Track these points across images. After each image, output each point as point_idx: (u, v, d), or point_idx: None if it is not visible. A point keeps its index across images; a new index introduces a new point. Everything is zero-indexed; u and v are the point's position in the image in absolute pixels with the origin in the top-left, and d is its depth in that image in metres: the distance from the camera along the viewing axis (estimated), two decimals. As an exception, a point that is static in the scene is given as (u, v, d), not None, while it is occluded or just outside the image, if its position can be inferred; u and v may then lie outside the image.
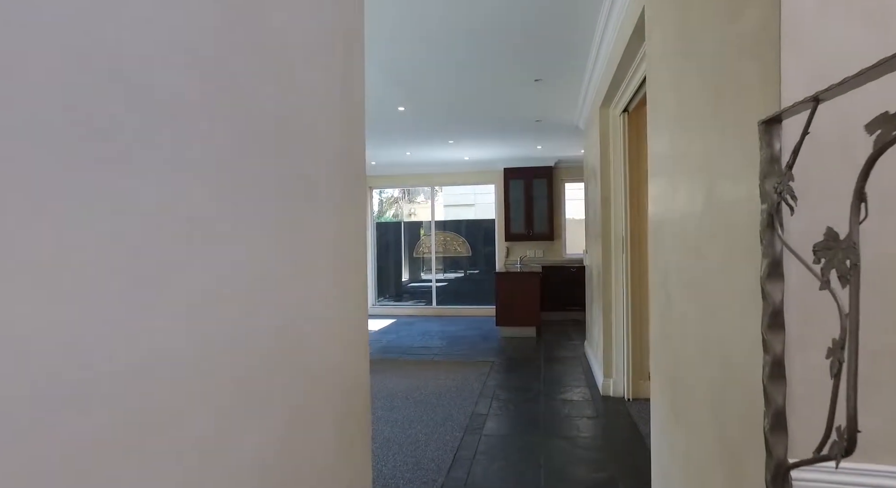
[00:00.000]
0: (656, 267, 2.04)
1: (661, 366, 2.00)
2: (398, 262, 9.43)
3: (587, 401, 3.83)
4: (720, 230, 1.36)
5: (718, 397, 1.37)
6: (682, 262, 1.67)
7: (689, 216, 1.60)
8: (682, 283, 1.69)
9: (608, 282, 3.94)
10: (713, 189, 1.39)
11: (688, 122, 1.59)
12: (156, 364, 0.60)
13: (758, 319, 1.15)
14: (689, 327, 1.62)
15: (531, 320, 6.41)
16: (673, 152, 1.76)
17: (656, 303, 2.06)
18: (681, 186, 1.68)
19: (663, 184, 1.90)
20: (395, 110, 4.97)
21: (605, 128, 3.93)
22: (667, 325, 1.89)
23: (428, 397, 4.03)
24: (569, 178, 8.33)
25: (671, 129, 1.78)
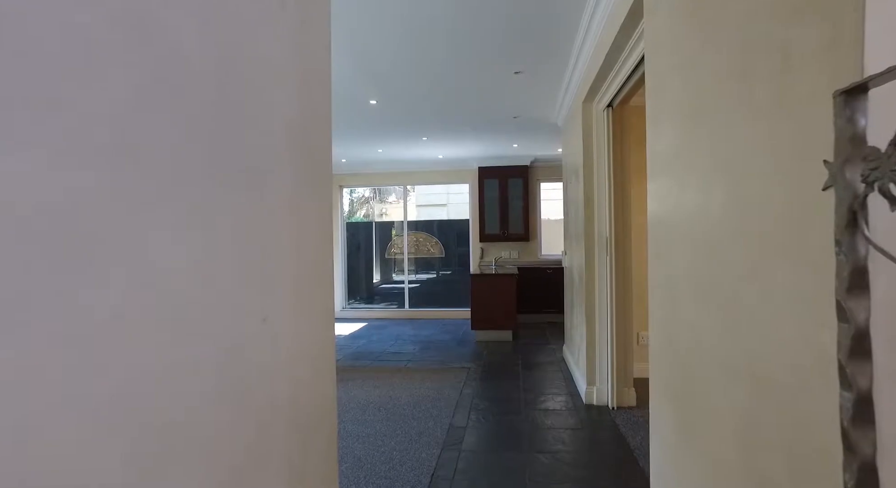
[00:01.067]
0: (657, 270, 1.85)
1: (663, 379, 1.80)
2: (369, 263, 9.14)
3: (570, 411, 3.64)
4: (747, 232, 1.15)
5: (748, 424, 1.17)
6: (695, 266, 1.47)
7: (703, 216, 1.40)
8: (693, 289, 1.49)
9: (591, 284, 3.76)
10: (738, 185, 1.19)
11: (702, 109, 1.39)
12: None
13: (801, 335, 0.95)
14: (703, 338, 1.42)
15: (507, 323, 6.21)
16: (681, 145, 1.56)
17: (658, 309, 1.86)
18: (691, 183, 1.48)
19: (667, 182, 1.70)
20: (367, 104, 4.70)
21: (588, 124, 3.75)
22: (672, 334, 1.69)
23: (402, 408, 3.77)
24: (545, 178, 8.19)
25: (678, 119, 1.58)
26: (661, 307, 1.83)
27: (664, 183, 1.73)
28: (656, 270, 1.86)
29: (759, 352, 1.12)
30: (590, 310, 3.76)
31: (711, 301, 1.36)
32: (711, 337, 1.36)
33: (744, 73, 1.14)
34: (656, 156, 1.82)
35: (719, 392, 1.31)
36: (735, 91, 1.19)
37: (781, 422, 1.03)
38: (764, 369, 1.10)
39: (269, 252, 0.89)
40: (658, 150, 1.79)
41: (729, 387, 1.26)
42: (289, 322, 0.95)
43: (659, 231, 1.81)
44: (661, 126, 1.76)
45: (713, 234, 1.34)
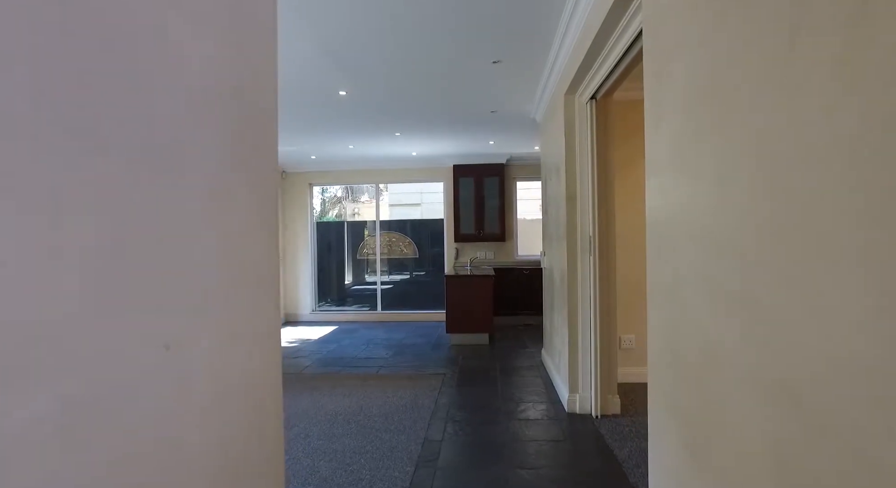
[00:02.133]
0: (658, 271, 1.65)
1: (665, 390, 1.60)
2: (341, 264, 8.82)
3: (552, 420, 3.45)
4: (787, 229, 0.95)
5: (789, 459, 0.97)
6: (708, 268, 1.27)
7: (723, 211, 1.19)
8: (706, 293, 1.29)
9: (573, 286, 3.57)
10: (775, 175, 0.99)
11: (722, 88, 1.19)
12: None
13: (870, 355, 0.74)
14: (718, 348, 1.23)
15: (484, 326, 6.00)
16: (692, 132, 1.36)
17: (657, 313, 1.66)
18: (706, 174, 1.28)
19: (673, 174, 1.50)
20: (335, 95, 4.42)
21: (570, 117, 3.56)
22: (676, 341, 1.49)
23: (373, 420, 3.52)
24: (521, 176, 8.02)
25: (688, 102, 1.37)
26: (661, 311, 1.63)
27: (669, 175, 1.53)
28: (656, 271, 1.66)
29: (802, 374, 0.92)
30: (572, 313, 3.57)
31: (730, 307, 1.16)
32: (730, 347, 1.16)
33: (792, 36, 0.93)
34: (659, 146, 1.61)
35: (745, 416, 1.11)
36: (770, 57, 0.99)
37: (838, 463, 0.83)
38: (810, 395, 0.90)
39: (174, 255, 0.63)
40: (661, 139, 1.59)
41: (759, 413, 1.06)
42: (207, 348, 0.69)
43: (661, 228, 1.61)
44: (664, 112, 1.55)
45: (735, 232, 1.14)
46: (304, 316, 8.29)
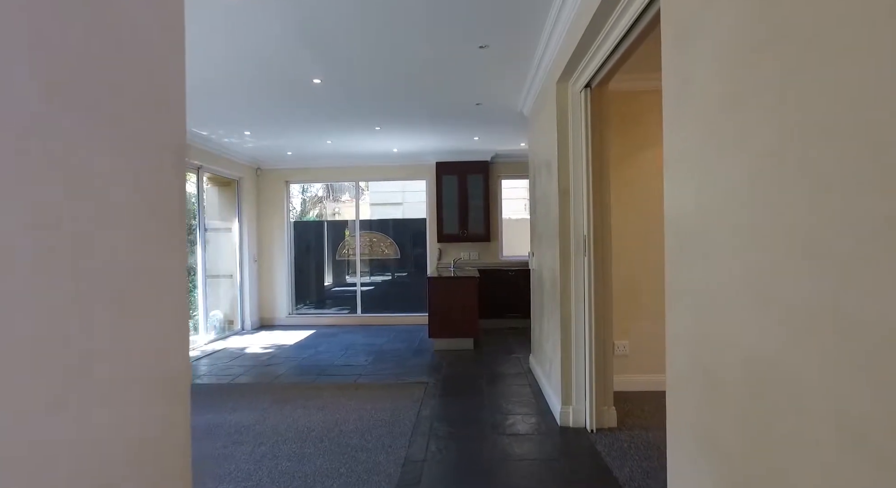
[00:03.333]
0: (684, 275, 1.38)
1: (694, 421, 1.33)
2: (320, 265, 8.47)
3: (544, 435, 3.18)
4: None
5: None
6: (765, 275, 1.00)
7: (793, 203, 0.93)
8: (759, 303, 1.02)
9: (566, 290, 3.31)
10: (878, 147, 0.72)
11: (790, 31, 0.92)
12: None
13: None
14: (778, 374, 0.96)
15: (468, 330, 5.72)
16: (736, 98, 1.09)
17: (681, 322, 1.40)
18: (759, 155, 1.01)
19: (705, 159, 1.23)
20: (310, 83, 4.10)
21: (563, 107, 3.30)
22: (712, 360, 1.22)
23: (349, 437, 3.21)
24: (506, 174, 7.77)
25: (733, 58, 1.10)
26: (685, 319, 1.36)
27: (700, 160, 1.26)
28: (680, 275, 1.40)
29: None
30: (565, 319, 3.31)
31: (803, 328, 0.89)
32: (801, 375, 0.89)
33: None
34: (684, 123, 1.34)
35: (820, 459, 0.84)
36: None
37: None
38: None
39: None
40: (687, 113, 1.32)
41: (841, 458, 0.79)
42: (45, 397, 0.39)
43: (687, 226, 1.34)
44: (692, 76, 1.29)
45: (804, 232, 0.87)
46: (281, 319, 7.92)
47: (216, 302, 7.34)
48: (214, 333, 6.90)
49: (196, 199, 6.46)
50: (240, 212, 7.44)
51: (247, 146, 6.62)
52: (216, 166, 6.59)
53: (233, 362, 5.42)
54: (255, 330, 7.50)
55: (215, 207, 7.45)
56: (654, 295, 3.96)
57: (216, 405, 3.90)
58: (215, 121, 5.27)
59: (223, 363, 5.39)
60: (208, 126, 5.49)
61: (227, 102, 4.61)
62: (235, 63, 3.62)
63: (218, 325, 7.15)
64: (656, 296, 3.96)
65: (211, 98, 4.46)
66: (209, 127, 5.53)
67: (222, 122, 5.35)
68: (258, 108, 4.83)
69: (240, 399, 4.05)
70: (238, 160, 7.17)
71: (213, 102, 4.60)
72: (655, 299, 3.96)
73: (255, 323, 7.69)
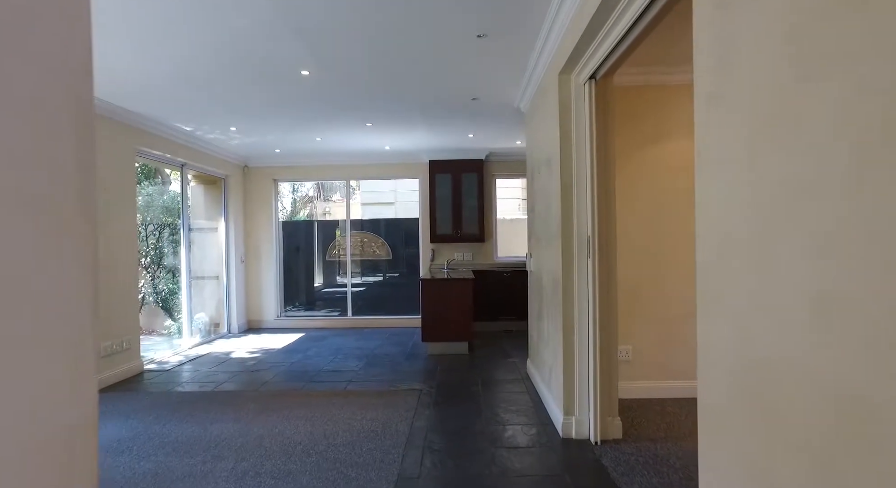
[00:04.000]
0: (716, 284, 1.20)
1: (737, 448, 1.15)
2: (310, 266, 8.24)
3: (545, 448, 2.99)
4: None
5: None
6: (844, 290, 0.82)
7: (878, 209, 0.74)
8: (840, 329, 0.84)
9: (569, 293, 3.12)
10: None
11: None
12: None
13: None
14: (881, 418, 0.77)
15: (463, 334, 5.53)
16: (804, 62, 0.91)
17: (716, 336, 1.21)
18: (858, 152, 0.83)
19: (748, 153, 1.05)
20: (297, 75, 3.88)
21: (565, 100, 3.11)
22: (766, 383, 1.04)
23: (338, 451, 3.00)
24: (501, 173, 7.58)
25: (808, 22, 0.92)
26: (726, 336, 1.18)
27: (747, 152, 1.08)
28: (718, 284, 1.21)
29: None
30: (567, 325, 3.12)
31: (884, 349, 0.71)
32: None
33: None
34: (728, 108, 1.16)
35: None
36: None
37: None
38: None
39: None
40: (733, 83, 1.14)
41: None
42: None
43: (732, 227, 1.16)
44: (741, 48, 1.10)
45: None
46: (269, 322, 7.68)
47: (201, 304, 7.09)
48: (199, 337, 6.66)
49: (181, 198, 6.21)
50: (226, 212, 7.19)
51: (233, 143, 6.38)
52: (201, 163, 6.35)
53: (217, 368, 5.19)
54: (241, 333, 7.26)
55: (201, 206, 7.20)
56: (657, 297, 3.79)
57: (197, 415, 3.67)
58: (198, 115, 5.04)
59: (207, 369, 5.16)
60: (192, 121, 5.26)
61: (210, 95, 4.38)
62: (218, 51, 3.40)
63: (203, 329, 6.91)
64: (659, 299, 3.79)
65: (192, 90, 4.23)
66: (193, 121, 5.29)
67: (206, 117, 5.12)
68: (244, 102, 4.60)
69: (223, 408, 3.83)
70: (224, 157, 6.93)
71: (196, 95, 4.37)
72: (658, 302, 3.79)
73: (242, 326, 7.45)
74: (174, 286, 7.57)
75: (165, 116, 5.04)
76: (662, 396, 3.79)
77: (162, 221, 7.82)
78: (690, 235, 3.82)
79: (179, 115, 4.99)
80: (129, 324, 4.85)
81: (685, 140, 3.80)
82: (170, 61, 3.54)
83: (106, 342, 4.49)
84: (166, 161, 5.78)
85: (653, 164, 3.80)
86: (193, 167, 6.30)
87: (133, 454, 2.99)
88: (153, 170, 8.12)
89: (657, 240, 3.78)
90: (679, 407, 3.59)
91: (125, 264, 4.79)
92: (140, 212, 7.59)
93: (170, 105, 4.64)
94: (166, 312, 7.83)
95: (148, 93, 4.25)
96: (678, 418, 3.40)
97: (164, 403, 3.97)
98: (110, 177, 4.59)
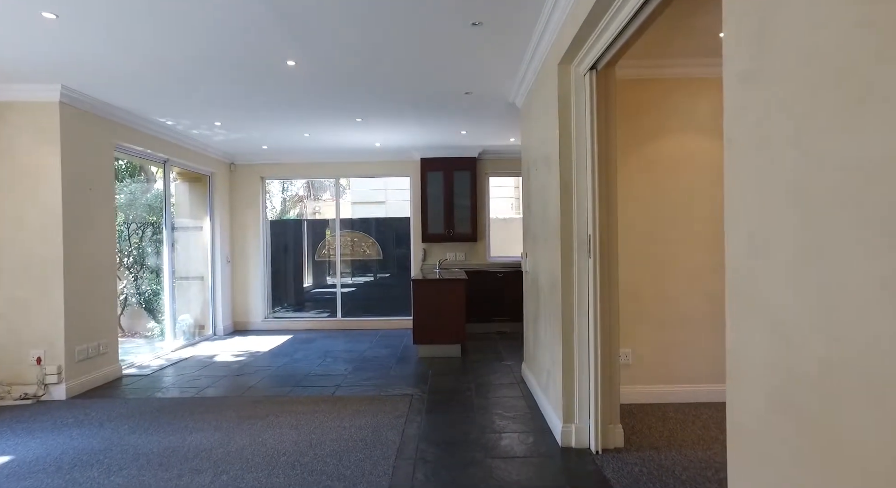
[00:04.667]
0: (752, 286, 1.04)
1: (780, 480, 1.00)
2: (299, 266, 8.04)
3: (543, 458, 2.84)
4: None
5: None
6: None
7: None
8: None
9: (568, 296, 2.97)
10: None
11: None
12: None
13: None
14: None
15: (455, 336, 5.37)
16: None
17: (752, 346, 1.06)
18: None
19: (799, 132, 0.90)
20: (283, 66, 3.70)
21: (564, 92, 2.96)
22: (819, 404, 0.89)
23: (324, 462, 2.83)
24: (494, 172, 7.43)
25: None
26: (766, 347, 1.03)
27: (797, 131, 0.93)
28: (755, 286, 1.06)
29: None
30: (567, 327, 2.97)
31: None
32: None
33: None
34: (767, 82, 1.01)
35: None
36: None
37: None
38: None
39: None
40: (774, 61, 0.99)
41: None
42: None
43: (774, 222, 1.00)
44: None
45: None
46: (256, 324, 7.47)
47: (186, 305, 6.87)
48: (183, 339, 6.44)
49: (163, 196, 5.99)
50: (212, 210, 6.98)
51: (218, 138, 6.17)
52: (185, 160, 6.13)
53: (200, 372, 4.99)
54: (227, 335, 7.05)
55: (185, 204, 6.98)
56: (657, 298, 3.65)
57: (176, 423, 3.48)
58: (180, 109, 4.83)
59: (190, 373, 4.95)
60: (172, 115, 5.04)
61: (189, 87, 4.18)
62: (194, 39, 3.21)
63: (187, 331, 6.69)
64: (659, 300, 3.65)
65: (170, 81, 4.03)
66: (173, 115, 5.08)
67: (188, 111, 4.91)
68: (227, 95, 4.41)
69: (204, 416, 3.63)
70: (209, 154, 6.72)
71: (174, 86, 4.16)
72: (658, 303, 3.65)
73: (229, 328, 7.23)
74: (158, 287, 7.33)
75: (145, 110, 4.82)
76: (663, 401, 3.65)
77: (146, 220, 7.58)
78: (691, 234, 3.72)
79: (159, 108, 4.77)
80: (107, 326, 4.63)
81: (686, 136, 3.67)
82: (142, 49, 3.34)
83: (81, 345, 4.27)
84: (148, 157, 5.56)
85: (652, 162, 3.66)
86: (177, 164, 6.08)
87: (103, 467, 2.79)
88: (138, 167, 7.88)
89: (656, 240, 3.65)
90: (681, 413, 3.45)
91: (102, 264, 4.58)
92: (123, 210, 7.36)
93: (148, 98, 4.42)
94: (150, 314, 7.58)
95: (123, 84, 4.04)
96: (680, 424, 3.27)
97: (141, 411, 3.77)
98: (87, 173, 4.37)
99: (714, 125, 3.64)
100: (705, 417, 3.38)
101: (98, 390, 4.35)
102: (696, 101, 3.67)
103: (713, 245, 3.61)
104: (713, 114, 3.65)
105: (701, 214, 3.63)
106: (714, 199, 3.62)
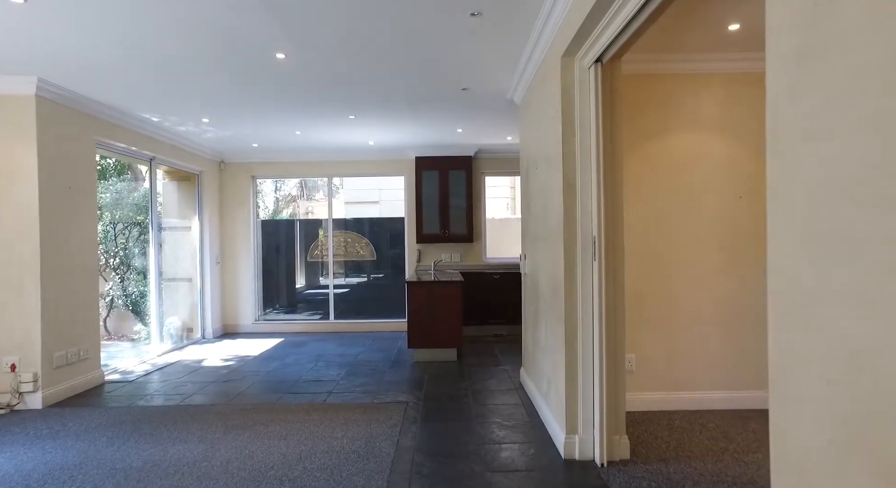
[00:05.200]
0: (821, 275, 0.90)
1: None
2: (291, 267, 7.86)
3: (546, 471, 2.69)
4: None
5: None
6: None
7: None
8: None
9: (572, 299, 2.83)
10: None
11: None
12: None
13: None
14: None
15: (451, 340, 5.21)
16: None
17: (812, 370, 0.92)
18: None
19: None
20: (272, 58, 3.53)
21: (568, 85, 2.82)
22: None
23: (314, 477, 2.66)
24: (490, 171, 7.29)
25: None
26: (832, 373, 0.88)
27: (852, 114, 0.78)
28: (802, 289, 0.91)
29: None
30: (570, 333, 2.83)
31: None
32: None
33: None
34: (824, 56, 0.86)
35: None
36: None
37: None
38: None
39: None
40: (839, 36, 0.84)
41: None
42: None
43: (841, 221, 0.86)
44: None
45: None
46: (246, 327, 7.28)
47: (174, 308, 6.68)
48: (171, 343, 6.25)
49: (150, 195, 5.80)
50: (200, 210, 6.78)
51: (207, 136, 5.98)
52: (172, 158, 5.94)
53: (187, 377, 4.81)
54: (217, 338, 6.86)
55: (173, 204, 6.79)
56: (662, 303, 3.52)
57: (158, 434, 3.30)
58: (164, 104, 4.65)
59: (176, 379, 4.77)
60: (157, 110, 4.85)
61: (173, 81, 4.00)
62: (174, 29, 3.04)
63: (175, 334, 6.50)
64: (665, 305, 3.52)
65: (151, 74, 3.85)
66: (158, 111, 4.89)
67: (173, 107, 4.73)
68: (214, 90, 4.23)
69: (188, 425, 3.46)
70: (198, 152, 6.53)
71: (156, 80, 3.98)
72: (664, 308, 3.52)
73: (218, 331, 7.04)
74: (145, 288, 7.13)
75: (128, 105, 4.63)
76: (668, 409, 3.52)
77: (132, 220, 7.37)
78: (698, 236, 3.58)
79: (143, 103, 4.59)
80: (88, 330, 4.44)
81: (692, 134, 3.53)
82: (119, 40, 3.16)
83: (59, 351, 4.07)
84: (133, 154, 5.37)
85: (657, 160, 3.52)
86: (164, 162, 5.89)
87: (76, 484, 2.61)
88: (125, 165, 7.67)
89: (662, 242, 3.51)
90: (687, 422, 3.32)
91: (84, 266, 4.38)
92: (109, 209, 7.15)
93: (129, 92, 4.23)
94: (137, 316, 7.38)
95: (102, 78, 3.85)
96: (688, 434, 3.13)
97: (122, 420, 3.59)
98: (67, 171, 4.18)
99: (722, 122, 3.52)
100: (712, 426, 3.24)
101: (77, 398, 4.16)
102: (702, 98, 3.54)
103: (720, 244, 3.48)
104: (720, 110, 3.52)
105: (707, 214, 3.50)
106: (722, 198, 3.49)
